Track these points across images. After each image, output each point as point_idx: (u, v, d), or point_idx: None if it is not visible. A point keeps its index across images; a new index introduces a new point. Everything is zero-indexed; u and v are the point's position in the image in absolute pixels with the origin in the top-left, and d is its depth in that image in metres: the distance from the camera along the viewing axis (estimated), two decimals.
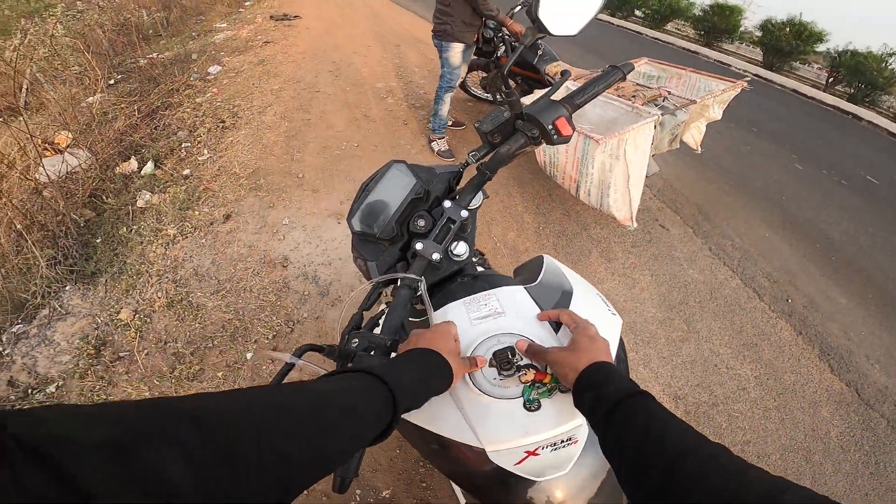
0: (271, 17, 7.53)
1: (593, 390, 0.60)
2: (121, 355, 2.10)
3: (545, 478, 0.66)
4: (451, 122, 4.02)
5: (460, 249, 0.90)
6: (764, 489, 0.41)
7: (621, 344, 0.82)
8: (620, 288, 2.63)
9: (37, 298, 2.32)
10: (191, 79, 4.95)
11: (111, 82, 5.04)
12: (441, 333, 0.70)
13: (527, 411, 0.68)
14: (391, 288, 0.92)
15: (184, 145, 3.67)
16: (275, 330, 2.21)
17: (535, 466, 0.66)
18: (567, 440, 0.67)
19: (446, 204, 0.90)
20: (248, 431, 0.35)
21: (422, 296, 0.78)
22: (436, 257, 0.85)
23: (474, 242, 0.95)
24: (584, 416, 0.63)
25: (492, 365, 0.74)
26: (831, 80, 10.59)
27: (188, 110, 4.24)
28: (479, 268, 1.02)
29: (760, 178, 4.18)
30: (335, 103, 4.47)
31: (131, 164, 3.39)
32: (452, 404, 0.71)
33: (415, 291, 0.80)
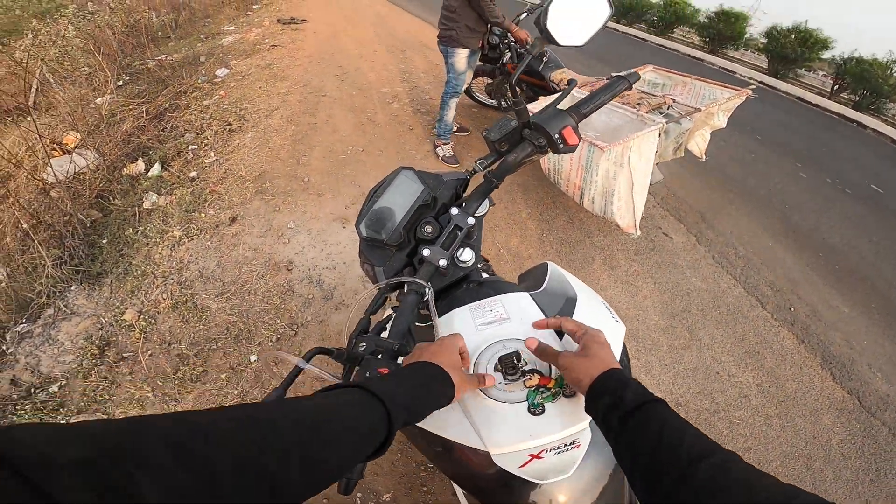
0: (279, 20, 7.58)
1: (608, 397, 0.60)
2: (124, 356, 2.12)
3: (548, 481, 0.67)
4: (457, 128, 4.04)
5: (466, 256, 0.92)
6: (775, 497, 0.42)
7: (624, 350, 0.83)
8: (623, 295, 2.63)
9: (42, 298, 2.33)
10: (198, 81, 4.99)
11: (120, 83, 5.08)
12: (446, 347, 0.69)
13: (531, 415, 0.69)
14: (396, 293, 0.93)
15: (191, 148, 3.70)
16: (279, 333, 2.22)
17: (538, 469, 0.67)
18: (570, 444, 0.68)
19: (453, 211, 0.92)
20: (227, 451, 0.34)
21: (428, 301, 0.79)
22: (442, 263, 0.86)
23: (480, 249, 0.96)
24: (595, 422, 0.64)
25: (497, 370, 0.75)
26: (836, 87, 10.57)
27: (195, 113, 4.27)
28: (483, 274, 1.03)
29: (764, 186, 4.18)
30: (341, 108, 4.50)
31: (138, 166, 3.42)
32: (458, 408, 0.71)
33: (422, 297, 0.81)
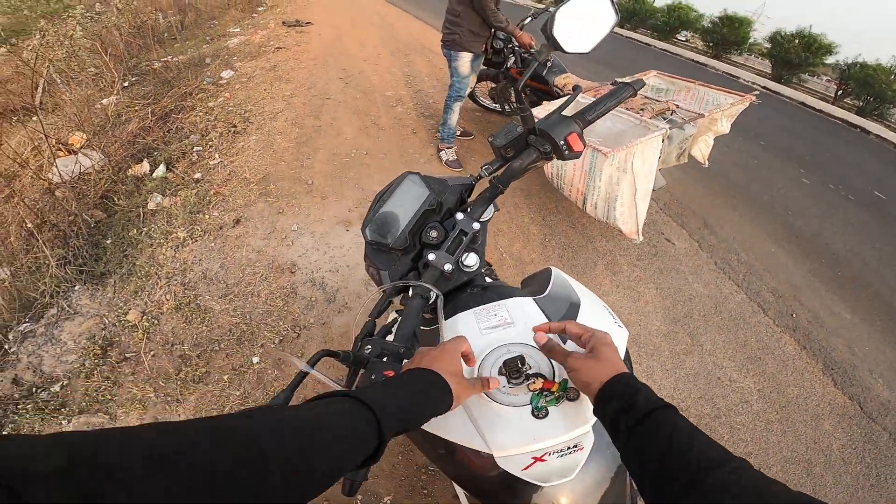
0: (284, 22, 7.63)
1: (617, 401, 0.60)
2: (127, 356, 2.12)
3: (551, 483, 0.67)
4: (460, 132, 4.04)
5: (471, 261, 0.92)
6: None
7: (627, 355, 0.84)
8: (625, 301, 2.63)
9: (45, 297, 2.33)
10: (204, 83, 5.02)
11: (126, 84, 5.11)
12: (447, 352, 0.69)
13: (535, 418, 0.70)
14: (401, 297, 0.94)
15: (195, 149, 3.71)
16: (281, 335, 2.23)
17: (541, 472, 0.67)
18: (573, 447, 0.69)
19: (458, 216, 0.93)
20: (204, 462, 0.33)
21: (436, 307, 0.80)
22: (448, 268, 0.87)
23: (484, 254, 0.97)
24: (603, 426, 0.63)
25: (501, 373, 0.75)
26: (840, 92, 10.56)
27: (200, 114, 4.30)
28: (487, 279, 1.04)
29: (767, 192, 4.18)
30: (345, 110, 4.52)
31: (143, 167, 3.44)
32: (461, 411, 0.72)
33: (427, 301, 0.82)
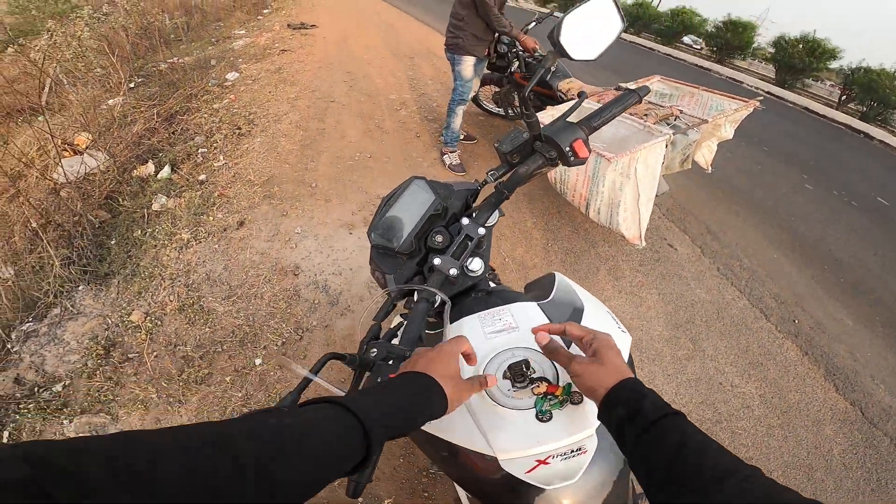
0: (289, 25, 7.66)
1: (623, 407, 0.60)
2: (130, 356, 2.13)
3: (554, 486, 0.68)
4: (463, 136, 4.05)
5: (475, 265, 0.93)
6: None
7: (630, 360, 0.84)
8: (627, 306, 2.63)
9: (49, 297, 2.34)
10: (209, 85, 5.05)
11: (132, 85, 5.14)
12: (445, 354, 0.68)
13: (539, 422, 0.70)
14: (405, 301, 0.95)
15: (200, 151, 3.73)
16: (284, 337, 2.24)
17: (544, 475, 0.68)
18: (577, 450, 0.69)
19: (464, 221, 0.93)
20: (173, 472, 0.33)
21: (441, 312, 0.81)
22: (453, 273, 0.88)
23: (489, 259, 0.97)
24: (609, 431, 0.63)
25: (506, 377, 0.76)
26: (844, 97, 10.56)
27: (205, 116, 4.32)
28: (491, 283, 1.04)
29: (770, 197, 4.18)
30: (349, 114, 4.53)
31: (148, 168, 3.45)
32: (466, 413, 0.72)
33: (432, 305, 0.82)
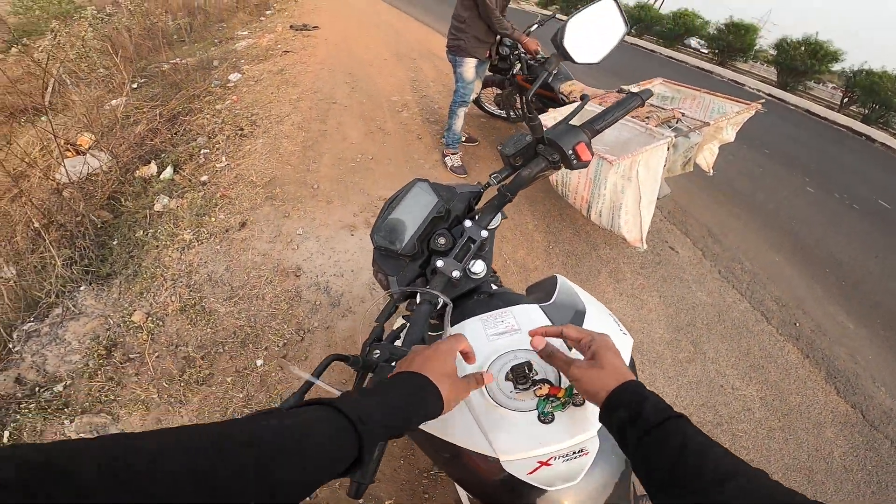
0: (291, 26, 7.68)
1: (625, 410, 0.59)
2: (131, 357, 2.13)
3: (556, 487, 0.68)
4: (465, 138, 4.05)
5: (478, 268, 0.93)
6: None
7: (632, 363, 0.85)
8: (628, 308, 2.63)
9: (51, 297, 2.34)
10: (211, 85, 5.06)
11: (135, 86, 5.16)
12: (441, 352, 0.67)
13: (541, 423, 0.71)
14: (407, 302, 0.95)
15: (202, 151, 3.74)
16: (285, 338, 2.24)
17: (546, 476, 0.68)
18: (579, 452, 0.70)
19: (467, 223, 0.94)
20: (163, 472, 0.33)
21: (443, 314, 0.81)
22: (456, 275, 0.88)
23: (491, 261, 0.97)
24: (611, 434, 0.63)
25: (508, 379, 0.76)
26: (846, 100, 10.55)
27: (208, 117, 4.33)
28: (493, 286, 1.05)
29: (772, 200, 4.18)
30: (351, 115, 4.54)
31: (151, 169, 3.46)
32: (468, 415, 0.72)
33: (434, 307, 0.83)
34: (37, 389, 1.97)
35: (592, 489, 0.72)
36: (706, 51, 15.42)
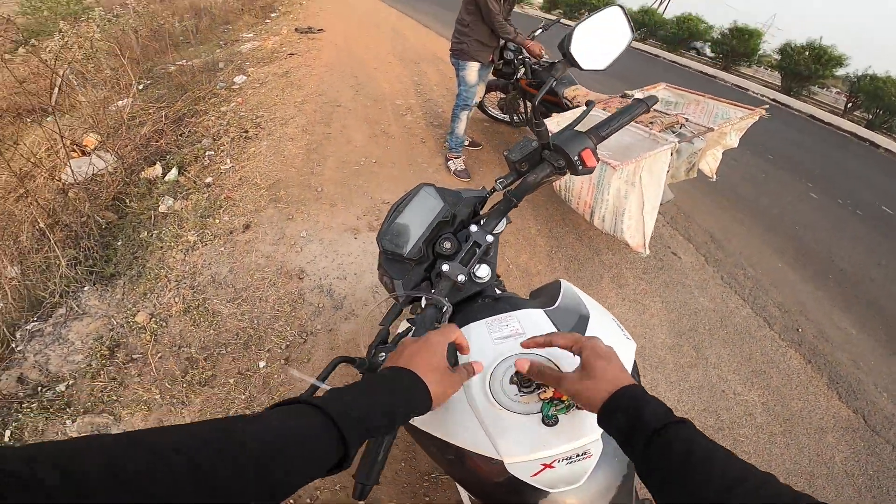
0: (296, 29, 7.72)
1: (623, 417, 0.58)
2: (134, 357, 2.13)
3: (559, 490, 0.69)
4: (469, 143, 4.06)
5: (483, 272, 0.93)
6: None
7: (635, 367, 0.85)
8: (630, 313, 2.63)
9: (55, 297, 2.35)
10: (217, 87, 5.09)
11: (140, 87, 5.19)
12: (429, 345, 0.66)
13: (545, 426, 0.71)
14: (411, 306, 0.96)
15: (207, 153, 3.76)
16: (288, 340, 2.25)
17: (550, 478, 0.69)
18: (582, 454, 0.70)
19: (472, 228, 0.94)
20: (118, 474, 0.32)
21: (450, 318, 0.81)
22: (461, 279, 0.88)
23: (496, 266, 0.98)
24: (611, 438, 0.62)
25: (512, 382, 0.76)
26: (850, 105, 10.53)
27: (213, 119, 4.35)
28: (497, 290, 1.06)
29: (775, 206, 4.17)
30: (355, 118, 4.56)
31: (156, 170, 3.48)
32: (472, 417, 0.73)
33: (440, 310, 0.83)
34: (39, 389, 1.97)
35: (595, 492, 0.73)
36: (711, 54, 15.40)
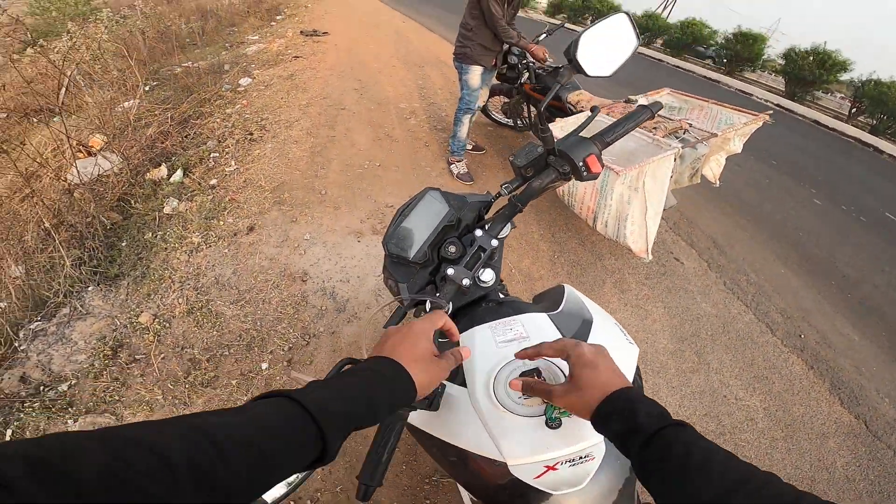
0: (301, 32, 7.76)
1: (618, 421, 0.57)
2: (137, 358, 2.14)
3: (561, 492, 0.69)
4: (472, 147, 4.07)
5: (487, 276, 0.94)
6: None
7: (638, 372, 0.86)
8: (633, 319, 2.63)
9: (58, 297, 2.36)
10: (222, 89, 5.11)
11: (147, 89, 5.22)
12: (413, 334, 0.65)
13: (548, 428, 0.71)
14: (415, 309, 0.96)
15: (212, 155, 3.78)
16: (291, 342, 2.25)
17: (553, 481, 0.69)
18: (585, 457, 0.70)
19: (477, 233, 0.95)
20: (94, 468, 0.32)
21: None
22: (466, 283, 0.89)
23: (500, 270, 0.99)
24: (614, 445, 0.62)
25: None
26: (854, 110, 10.52)
27: (218, 120, 4.37)
28: (500, 294, 1.06)
29: (778, 212, 4.17)
30: (359, 121, 4.57)
31: (161, 171, 3.49)
32: (476, 419, 0.74)
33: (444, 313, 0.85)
34: (41, 388, 1.97)
35: (597, 494, 0.74)
36: (714, 56, 15.40)
